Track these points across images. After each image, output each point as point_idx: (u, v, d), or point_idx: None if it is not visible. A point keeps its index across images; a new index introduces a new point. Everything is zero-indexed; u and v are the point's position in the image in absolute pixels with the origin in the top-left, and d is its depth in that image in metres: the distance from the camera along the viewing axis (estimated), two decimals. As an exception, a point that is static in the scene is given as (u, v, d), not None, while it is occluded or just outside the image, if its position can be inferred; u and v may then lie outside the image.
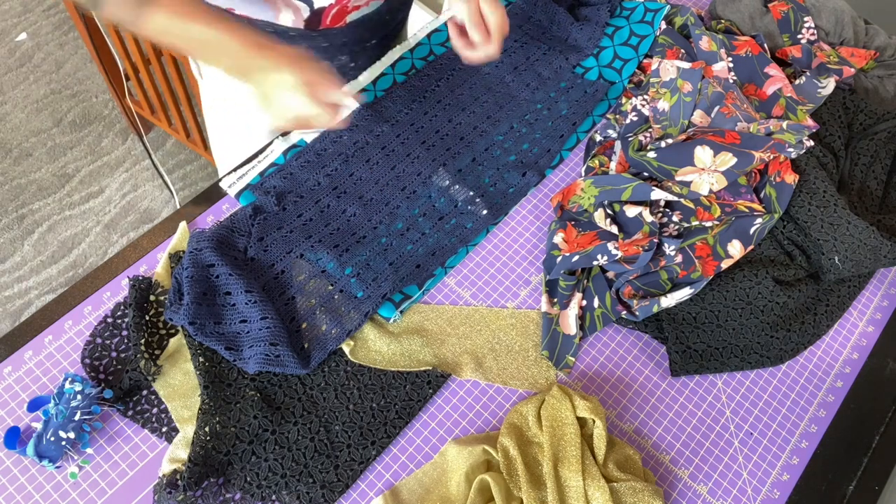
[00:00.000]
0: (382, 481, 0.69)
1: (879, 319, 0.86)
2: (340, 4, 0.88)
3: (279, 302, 0.76)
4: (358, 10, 0.91)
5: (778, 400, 0.78)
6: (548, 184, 0.91)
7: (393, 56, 0.98)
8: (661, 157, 0.83)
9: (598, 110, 0.97)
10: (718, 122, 0.88)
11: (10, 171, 1.98)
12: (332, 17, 0.89)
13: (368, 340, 0.76)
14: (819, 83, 0.93)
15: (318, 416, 0.71)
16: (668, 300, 0.77)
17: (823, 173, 0.86)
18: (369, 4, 0.92)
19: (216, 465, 0.67)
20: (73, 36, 2.30)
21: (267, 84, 0.72)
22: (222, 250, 0.75)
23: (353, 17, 0.92)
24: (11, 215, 1.90)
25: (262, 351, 0.70)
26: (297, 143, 0.89)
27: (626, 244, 0.78)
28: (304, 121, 0.73)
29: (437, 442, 0.72)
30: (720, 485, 0.72)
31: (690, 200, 0.83)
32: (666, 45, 0.98)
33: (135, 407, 0.70)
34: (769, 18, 1.01)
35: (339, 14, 0.89)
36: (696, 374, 0.78)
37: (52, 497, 0.65)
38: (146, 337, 0.72)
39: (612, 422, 0.75)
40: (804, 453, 0.75)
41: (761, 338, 0.80)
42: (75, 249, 1.86)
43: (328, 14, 0.88)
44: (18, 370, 0.71)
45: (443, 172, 0.88)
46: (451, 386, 0.75)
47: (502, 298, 0.81)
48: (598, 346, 0.79)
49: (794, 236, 0.85)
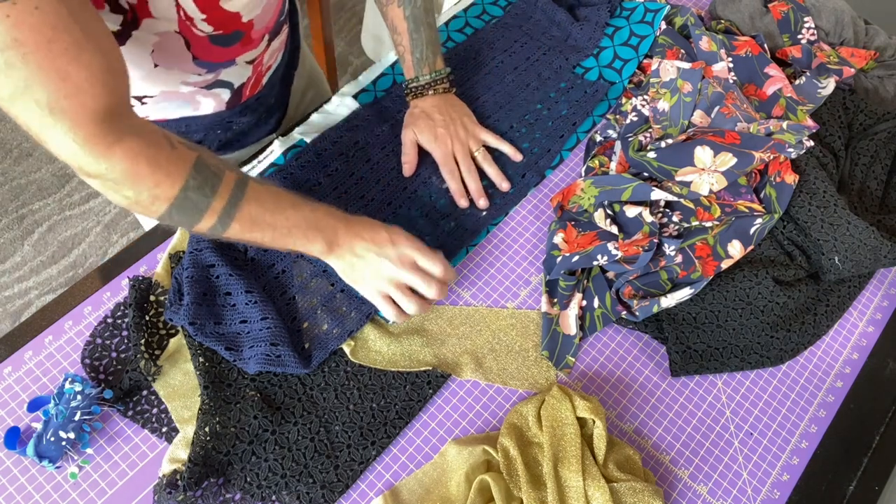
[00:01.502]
0: (382, 481, 0.69)
1: (879, 319, 0.86)
2: (256, 73, 0.87)
3: (280, 302, 0.76)
4: (270, 69, 0.91)
5: (778, 400, 0.78)
6: (548, 184, 0.91)
7: (393, 56, 0.98)
8: (661, 157, 0.83)
9: (598, 110, 0.97)
10: (718, 122, 0.88)
11: (10, 171, 1.98)
12: (250, 88, 0.88)
13: (369, 341, 0.76)
14: (819, 83, 0.93)
15: (318, 417, 0.71)
16: (668, 300, 0.77)
17: (823, 173, 0.86)
18: (277, 58, 0.92)
19: (216, 466, 0.67)
20: (73, 36, 2.30)
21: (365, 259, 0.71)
22: (222, 250, 0.75)
23: (267, 77, 0.91)
24: (11, 215, 1.90)
25: (263, 351, 0.70)
26: (297, 143, 0.89)
27: (626, 244, 0.78)
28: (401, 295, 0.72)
29: (437, 442, 0.72)
30: (720, 485, 0.72)
31: (690, 200, 0.83)
32: (666, 46, 0.98)
33: (135, 407, 0.70)
34: (769, 18, 1.01)
35: (256, 82, 0.89)
36: (696, 374, 0.78)
37: (52, 497, 0.65)
38: (146, 337, 0.72)
39: (612, 422, 0.75)
40: (804, 453, 0.75)
41: (761, 338, 0.80)
42: (75, 249, 1.86)
43: (247, 87, 0.87)
44: (18, 370, 0.71)
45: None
46: (451, 386, 0.75)
47: (502, 298, 0.81)
48: (598, 346, 0.79)
49: (794, 236, 0.85)
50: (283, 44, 0.92)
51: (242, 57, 0.80)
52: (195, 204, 0.62)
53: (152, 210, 0.61)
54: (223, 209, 0.63)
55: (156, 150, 0.59)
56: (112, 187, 0.59)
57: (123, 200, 0.61)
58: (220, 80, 0.81)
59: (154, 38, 0.69)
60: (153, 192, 0.60)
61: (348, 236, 0.71)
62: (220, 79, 0.81)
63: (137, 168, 0.58)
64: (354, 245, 0.71)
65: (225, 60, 0.78)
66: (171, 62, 0.74)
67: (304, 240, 0.69)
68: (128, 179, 0.58)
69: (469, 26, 1.04)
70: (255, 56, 0.82)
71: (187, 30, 0.69)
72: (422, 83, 0.88)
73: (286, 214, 0.68)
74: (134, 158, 0.58)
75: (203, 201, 0.62)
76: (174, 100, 0.81)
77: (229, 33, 0.73)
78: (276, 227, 0.67)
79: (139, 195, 0.60)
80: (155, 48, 0.71)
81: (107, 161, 0.57)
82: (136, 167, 0.58)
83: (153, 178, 0.59)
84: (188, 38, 0.71)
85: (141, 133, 0.59)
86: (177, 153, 0.61)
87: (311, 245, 0.70)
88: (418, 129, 0.87)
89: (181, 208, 0.62)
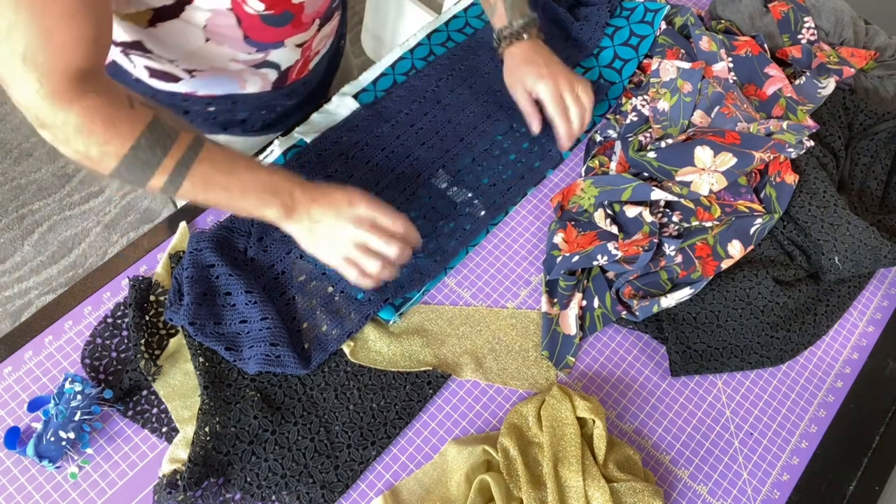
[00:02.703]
0: (382, 481, 0.69)
1: (879, 319, 0.86)
2: (304, 57, 0.89)
3: (279, 302, 0.76)
4: (318, 55, 0.93)
5: (778, 400, 0.78)
6: (548, 184, 0.91)
7: (393, 56, 0.98)
8: (661, 157, 0.83)
9: (598, 110, 0.97)
10: (718, 122, 0.88)
11: (10, 171, 1.98)
12: (297, 71, 0.90)
13: (369, 341, 0.76)
14: (819, 83, 0.93)
15: (318, 417, 0.71)
16: (668, 300, 0.77)
17: (823, 173, 0.86)
18: (326, 45, 0.94)
19: (216, 465, 0.67)
20: (73, 36, 2.30)
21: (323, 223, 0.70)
22: (222, 251, 0.75)
23: (314, 63, 0.93)
24: (11, 215, 1.90)
25: (263, 351, 0.70)
26: (297, 144, 0.89)
27: (626, 244, 0.78)
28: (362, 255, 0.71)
29: (437, 442, 0.72)
30: (720, 485, 0.72)
31: (690, 200, 0.83)
32: (666, 46, 0.98)
33: (135, 407, 0.70)
34: (769, 18, 1.01)
35: (303, 66, 0.91)
36: (696, 374, 0.78)
37: (52, 497, 0.65)
38: (146, 337, 0.72)
39: (612, 422, 0.75)
40: (804, 453, 0.75)
41: (761, 338, 0.80)
42: (75, 249, 1.86)
43: (294, 70, 0.89)
44: (18, 370, 0.71)
45: (442, 174, 0.88)
46: (451, 386, 0.75)
47: (502, 298, 0.81)
48: (598, 346, 0.79)
49: (794, 236, 0.85)
50: (333, 30, 0.93)
51: (292, 40, 0.81)
52: (145, 162, 0.63)
53: (101, 166, 0.63)
54: (174, 167, 0.64)
55: (113, 110, 0.62)
56: (63, 140, 0.61)
57: (73, 154, 0.63)
58: (268, 60, 0.83)
59: (206, 13, 0.71)
60: (103, 148, 0.62)
61: (305, 201, 0.70)
62: (269, 59, 0.83)
63: (91, 125, 0.60)
64: (311, 209, 0.70)
65: (274, 41, 0.79)
66: (222, 39, 0.76)
67: (259, 202, 0.69)
68: (80, 134, 0.61)
69: (469, 26, 1.04)
70: (305, 40, 0.84)
71: (238, 7, 0.71)
72: (516, 28, 0.89)
73: (240, 176, 0.68)
74: (90, 115, 0.60)
75: (153, 159, 0.63)
76: (222, 76, 0.84)
77: (279, 13, 0.75)
78: (230, 189, 0.68)
79: (88, 150, 0.62)
80: (207, 24, 0.73)
81: (63, 114, 0.59)
82: (91, 124, 0.60)
83: (105, 135, 0.61)
84: (239, 15, 0.72)
85: (103, 92, 0.61)
86: (134, 113, 0.63)
87: (267, 209, 0.69)
88: (525, 76, 0.88)
89: (130, 166, 0.63)
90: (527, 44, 0.89)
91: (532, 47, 0.89)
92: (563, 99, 0.87)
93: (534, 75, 0.87)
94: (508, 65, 0.90)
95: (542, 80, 0.86)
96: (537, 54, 0.88)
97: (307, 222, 0.71)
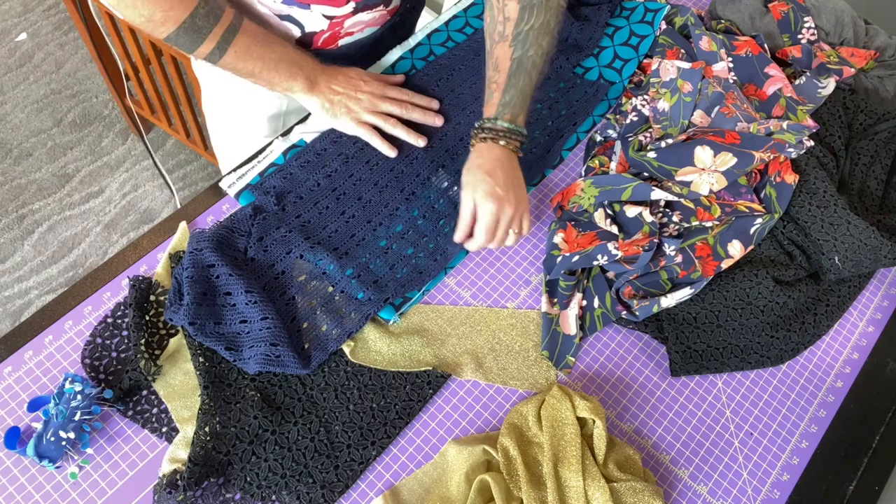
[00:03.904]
0: (382, 481, 0.69)
1: (879, 319, 0.86)
2: (332, 31, 0.89)
3: (280, 302, 0.76)
4: (351, 36, 0.93)
5: (778, 400, 0.78)
6: (548, 184, 0.91)
7: (393, 56, 0.98)
8: (661, 157, 0.83)
9: (598, 110, 0.97)
10: (718, 122, 0.88)
11: (10, 171, 1.98)
12: (323, 41, 0.91)
13: (369, 341, 0.76)
14: (819, 83, 0.93)
15: (318, 417, 0.71)
16: (668, 300, 0.77)
17: (823, 173, 0.86)
18: (364, 31, 0.93)
19: (216, 465, 0.67)
20: (74, 36, 2.30)
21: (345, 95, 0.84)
22: (222, 250, 0.75)
23: (346, 42, 0.93)
24: (11, 215, 1.90)
25: (263, 351, 0.70)
26: (297, 143, 0.89)
27: (626, 244, 0.78)
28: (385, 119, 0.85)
29: (437, 442, 0.72)
30: (720, 485, 0.72)
31: (690, 200, 0.83)
32: (666, 45, 0.98)
33: (135, 407, 0.70)
34: (769, 18, 1.01)
35: (331, 38, 0.91)
36: (696, 374, 0.78)
37: (52, 497, 0.65)
38: (146, 337, 0.72)
39: (612, 422, 0.75)
40: (804, 453, 0.75)
41: (761, 338, 0.80)
42: (75, 249, 1.86)
43: (319, 38, 0.90)
44: (18, 370, 0.71)
45: (442, 174, 0.88)
46: (451, 386, 0.75)
47: (502, 298, 0.81)
48: (598, 346, 0.79)
49: (794, 236, 0.85)
50: (375, 21, 0.93)
51: (320, 8, 0.86)
52: (199, 28, 0.74)
53: (161, 30, 0.73)
54: (222, 36, 0.76)
55: None
56: (132, 3, 0.70)
57: (138, 18, 0.72)
58: (290, 15, 0.87)
59: None
60: (167, 14, 0.72)
61: (325, 77, 0.84)
62: (291, 14, 0.87)
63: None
64: (332, 83, 0.84)
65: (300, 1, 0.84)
66: None
67: (288, 75, 0.81)
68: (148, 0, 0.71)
69: (469, 26, 1.04)
70: (335, 14, 0.87)
71: None
72: (498, 128, 0.80)
73: (274, 49, 0.80)
74: None
75: (206, 27, 0.75)
76: (251, 16, 0.86)
77: None
78: (265, 59, 0.79)
79: (153, 14, 0.71)
80: None
81: None
82: None
83: (169, 1, 0.71)
84: None
85: None
86: None
87: (294, 81, 0.82)
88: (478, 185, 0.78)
89: (188, 31, 0.74)
90: (500, 150, 0.79)
91: (501, 158, 0.79)
92: (497, 226, 0.78)
93: (486, 192, 0.77)
94: (472, 160, 0.80)
95: (490, 201, 0.76)
96: (502, 170, 0.78)
97: (329, 94, 0.84)
